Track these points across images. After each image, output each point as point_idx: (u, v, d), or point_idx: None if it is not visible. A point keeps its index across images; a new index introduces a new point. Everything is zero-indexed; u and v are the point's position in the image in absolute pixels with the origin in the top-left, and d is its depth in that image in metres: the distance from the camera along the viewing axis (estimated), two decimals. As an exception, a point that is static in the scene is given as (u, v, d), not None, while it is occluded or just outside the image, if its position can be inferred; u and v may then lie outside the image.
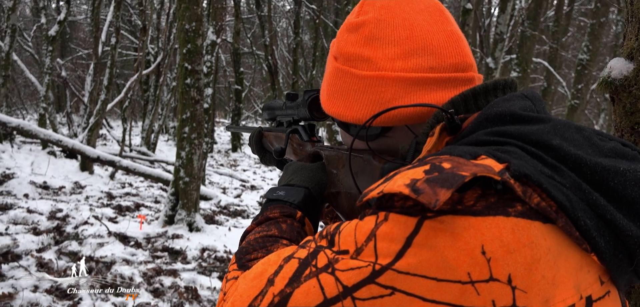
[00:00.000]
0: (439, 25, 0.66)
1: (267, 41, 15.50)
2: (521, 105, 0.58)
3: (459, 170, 0.47)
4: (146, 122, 12.95)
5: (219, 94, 20.43)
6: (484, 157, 0.51)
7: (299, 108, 0.99)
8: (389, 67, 0.64)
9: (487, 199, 0.48)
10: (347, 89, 0.68)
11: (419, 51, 0.64)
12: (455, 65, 0.65)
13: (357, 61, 0.67)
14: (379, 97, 0.65)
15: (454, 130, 0.59)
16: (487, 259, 0.46)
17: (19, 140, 10.59)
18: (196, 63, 5.59)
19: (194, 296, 4.01)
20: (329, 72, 0.73)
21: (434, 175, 0.47)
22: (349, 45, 0.69)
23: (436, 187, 0.45)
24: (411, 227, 0.48)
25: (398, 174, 0.51)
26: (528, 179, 0.48)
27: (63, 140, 7.51)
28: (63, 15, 10.10)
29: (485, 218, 0.47)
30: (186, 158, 5.64)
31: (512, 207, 0.47)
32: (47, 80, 10.18)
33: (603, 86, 0.97)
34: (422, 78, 0.63)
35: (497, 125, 0.56)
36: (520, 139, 0.53)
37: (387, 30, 0.66)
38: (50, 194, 6.78)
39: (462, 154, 0.52)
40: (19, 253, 4.35)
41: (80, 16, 21.00)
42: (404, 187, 0.47)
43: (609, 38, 11.82)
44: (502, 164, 0.50)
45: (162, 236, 5.38)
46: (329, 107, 0.72)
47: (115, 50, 9.91)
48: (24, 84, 17.22)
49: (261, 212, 0.78)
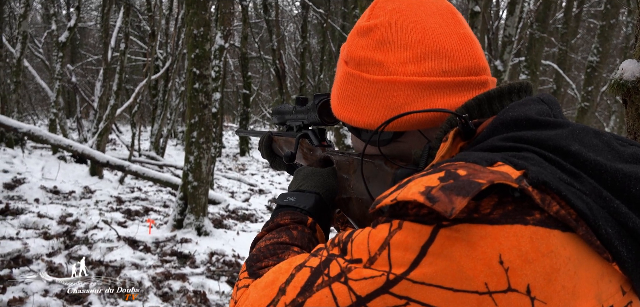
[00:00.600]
0: (452, 28, 0.65)
1: (274, 45, 15.54)
2: (538, 110, 0.57)
3: (475, 177, 0.46)
4: (155, 127, 13.03)
5: (227, 98, 20.53)
6: (501, 163, 0.50)
7: (309, 112, 0.98)
8: (400, 71, 0.63)
9: (504, 207, 0.46)
10: (358, 93, 0.67)
11: (431, 55, 0.63)
12: (468, 69, 0.63)
13: (369, 65, 0.66)
14: (391, 102, 0.64)
15: (468, 135, 0.58)
16: (505, 268, 0.44)
17: (30, 145, 10.70)
18: (204, 68, 5.61)
19: (202, 300, 4.01)
20: (339, 76, 0.72)
21: (449, 182, 0.46)
22: (360, 50, 0.68)
23: (452, 195, 0.44)
24: (426, 236, 0.47)
25: (412, 181, 0.50)
26: (547, 186, 0.47)
27: (73, 145, 7.58)
28: (73, 21, 10.21)
29: (503, 227, 0.45)
30: (195, 162, 5.66)
31: (530, 216, 0.46)
32: (57, 86, 10.29)
33: (615, 88, 0.96)
34: (435, 82, 0.62)
35: (513, 130, 0.55)
36: (538, 144, 0.52)
37: (398, 34, 0.65)
38: (60, 198, 6.84)
39: (477, 160, 0.51)
40: (30, 257, 4.38)
41: (90, 22, 21.22)
42: (418, 194, 0.46)
43: (619, 40, 11.71)
44: (519, 171, 0.48)
45: (171, 240, 5.40)
46: (339, 112, 0.71)
47: (125, 56, 9.99)
48: (35, 90, 17.42)
49: (271, 219, 0.77)
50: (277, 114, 1.17)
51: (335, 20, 14.57)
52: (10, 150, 9.59)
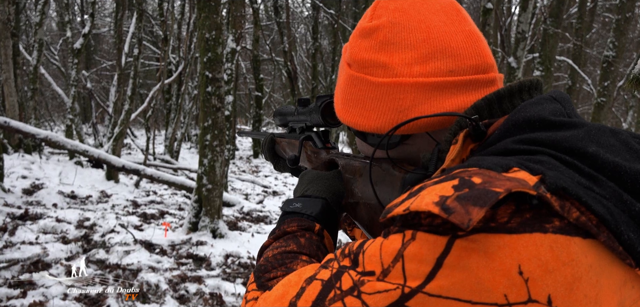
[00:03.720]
0: (457, 26, 0.63)
1: (286, 47, 15.58)
2: (551, 109, 0.55)
3: (491, 185, 0.44)
4: (169, 131, 13.15)
5: (239, 101, 20.65)
6: (516, 169, 0.48)
7: (312, 114, 0.96)
8: (406, 73, 0.61)
9: (521, 215, 0.44)
10: (363, 97, 0.65)
11: (437, 54, 0.61)
12: (475, 67, 0.62)
13: (373, 68, 0.64)
14: (397, 105, 0.62)
15: (478, 137, 0.56)
16: (524, 279, 0.43)
17: (47, 151, 10.88)
18: (217, 71, 5.65)
19: (218, 302, 4.04)
20: (342, 79, 0.70)
21: (464, 191, 0.44)
22: (363, 51, 0.66)
23: (468, 206, 0.43)
24: (441, 247, 0.45)
25: (424, 189, 0.48)
26: (565, 192, 0.45)
27: (89, 151, 7.68)
28: (87, 28, 10.35)
29: (521, 236, 0.43)
30: (209, 165, 5.70)
31: (549, 223, 0.44)
32: (73, 92, 10.44)
33: (633, 83, 0.94)
34: (442, 82, 0.61)
35: (526, 131, 0.53)
36: (553, 146, 0.50)
37: (402, 34, 0.63)
38: (77, 203, 6.94)
39: (492, 166, 0.48)
40: (49, 262, 4.46)
41: (103, 29, 21.50)
42: (433, 205, 0.44)
43: (635, 33, 11.51)
44: (536, 176, 0.46)
45: (187, 242, 5.44)
46: (344, 116, 0.69)
47: (138, 61, 10.10)
48: (51, 97, 17.69)
49: (278, 226, 0.75)
50: (279, 116, 1.15)
51: (346, 21, 14.56)
52: (29, 156, 9.76)
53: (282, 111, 1.13)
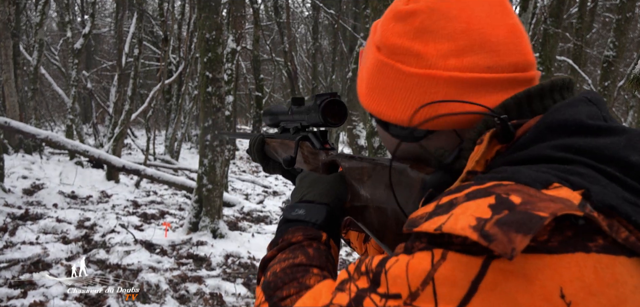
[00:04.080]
0: (499, 18, 0.58)
1: (286, 47, 15.59)
2: (588, 112, 0.51)
3: (533, 208, 0.40)
4: (169, 131, 13.16)
5: (239, 101, 20.66)
6: (557, 184, 0.44)
7: (310, 113, 0.90)
8: (441, 65, 0.57)
9: (563, 233, 0.41)
10: (390, 85, 0.61)
11: (475, 48, 0.56)
12: (515, 65, 0.57)
13: (405, 55, 0.59)
14: (428, 99, 0.57)
15: (507, 138, 0.52)
16: (567, 303, 0.40)
17: (47, 151, 10.88)
18: (217, 71, 5.65)
19: (219, 302, 4.04)
20: (370, 63, 0.65)
21: (504, 214, 0.40)
22: (396, 37, 0.61)
23: (510, 232, 0.39)
24: (476, 269, 0.42)
25: (457, 206, 0.44)
26: (613, 210, 0.42)
27: (90, 151, 7.69)
28: (88, 28, 10.36)
29: (563, 256, 0.40)
30: (209, 165, 5.71)
31: (592, 242, 0.41)
32: (73, 92, 10.45)
33: (634, 83, 0.94)
34: (478, 79, 0.56)
35: (562, 136, 0.49)
36: (592, 155, 0.47)
37: (441, 22, 0.58)
38: (78, 203, 6.95)
39: (530, 182, 0.44)
40: (50, 262, 4.46)
41: (104, 29, 21.51)
42: (470, 230, 0.40)
43: (635, 33, 11.51)
44: (579, 192, 0.43)
45: (187, 242, 5.44)
46: (368, 103, 0.65)
47: (138, 61, 10.11)
48: (51, 97, 17.70)
49: (280, 234, 0.71)
50: (270, 115, 1.09)
51: (347, 21, 14.56)
52: (29, 156, 9.76)
53: (272, 110, 1.08)
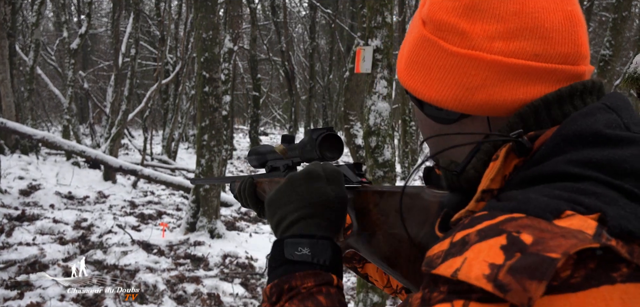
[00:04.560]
0: (558, 3, 0.54)
1: (283, 47, 15.57)
2: (605, 121, 0.48)
3: (544, 248, 0.38)
4: (166, 131, 13.14)
5: (237, 101, 20.65)
6: (570, 212, 0.41)
7: (305, 148, 0.84)
8: (485, 47, 0.54)
9: (585, 266, 0.39)
10: (430, 62, 0.58)
11: (526, 32, 0.53)
12: (565, 55, 0.53)
13: (449, 33, 0.56)
14: (466, 81, 0.54)
15: (523, 153, 0.50)
16: None
17: (44, 151, 10.85)
18: (214, 71, 5.65)
19: (216, 302, 4.04)
20: (413, 37, 0.61)
21: (515, 258, 0.39)
22: (443, 12, 0.57)
23: (524, 280, 0.37)
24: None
25: (470, 247, 0.42)
26: (632, 236, 0.39)
27: (86, 151, 7.67)
28: (84, 28, 10.33)
29: (589, 292, 0.38)
30: (206, 165, 5.70)
31: (616, 272, 0.38)
32: (70, 92, 10.42)
33: (629, 82, 0.95)
34: (523, 66, 0.52)
35: (578, 149, 0.47)
36: (611, 169, 0.44)
37: (493, 1, 0.54)
38: (75, 204, 6.93)
39: (540, 212, 0.42)
40: (46, 263, 4.45)
41: (100, 29, 21.46)
42: (484, 280, 0.39)
43: (631, 32, 11.55)
44: (593, 216, 0.40)
45: (184, 243, 5.43)
46: (405, 78, 0.62)
47: (135, 61, 10.09)
48: (48, 97, 17.66)
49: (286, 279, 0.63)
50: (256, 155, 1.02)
51: (343, 20, 14.56)
52: (25, 157, 9.73)
53: (259, 150, 1.01)
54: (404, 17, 11.51)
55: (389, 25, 3.36)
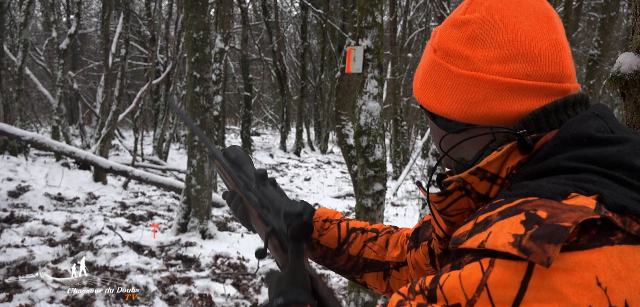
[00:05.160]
0: (545, 33, 0.65)
1: (275, 47, 15.55)
2: (596, 126, 0.59)
3: (558, 220, 0.48)
4: (157, 132, 13.07)
5: (228, 101, 20.59)
6: (574, 194, 0.52)
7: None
8: (485, 69, 0.65)
9: (588, 232, 0.49)
10: (440, 82, 0.69)
11: (518, 57, 0.64)
12: (552, 75, 0.64)
13: (456, 58, 0.68)
14: (470, 97, 0.66)
15: (526, 150, 0.60)
16: (603, 289, 0.47)
17: (33, 153, 10.74)
18: (205, 71, 5.63)
19: (208, 303, 4.03)
20: (426, 62, 0.74)
21: (534, 228, 0.48)
22: (450, 41, 0.69)
23: (543, 244, 0.47)
24: (523, 271, 0.48)
25: (493, 224, 0.52)
26: (624, 209, 0.50)
27: (76, 152, 7.60)
28: (73, 28, 10.24)
29: (593, 250, 0.48)
30: (197, 166, 5.68)
31: (614, 236, 0.49)
32: (59, 93, 10.33)
33: (613, 81, 0.96)
34: (516, 84, 0.63)
35: (574, 148, 0.57)
36: (602, 163, 0.55)
37: (490, 32, 0.66)
38: (64, 205, 6.87)
39: (551, 195, 0.53)
40: (35, 264, 4.41)
41: (90, 29, 21.29)
42: (510, 247, 0.48)
43: (620, 32, 11.68)
44: (593, 196, 0.51)
45: (176, 244, 5.41)
46: (419, 95, 0.74)
47: (125, 61, 10.02)
48: (37, 98, 17.49)
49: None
50: (233, 167, 1.02)
51: (335, 20, 14.57)
52: (14, 158, 9.63)
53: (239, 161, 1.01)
54: (395, 17, 11.54)
55: (380, 25, 3.37)
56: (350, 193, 9.54)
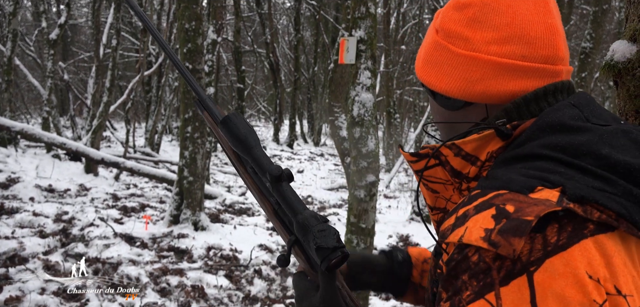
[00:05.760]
0: (541, 17, 0.68)
1: (268, 39, 15.47)
2: (570, 115, 0.62)
3: (523, 214, 0.52)
4: (149, 123, 12.98)
5: (221, 93, 20.47)
6: (540, 188, 0.56)
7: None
8: (483, 50, 0.68)
9: (565, 229, 0.52)
10: (441, 62, 0.73)
11: (515, 39, 0.67)
12: (545, 57, 0.67)
13: (456, 39, 0.71)
14: (468, 75, 0.70)
15: (505, 137, 0.64)
16: (595, 280, 0.50)
17: (23, 144, 10.63)
18: (197, 62, 5.59)
19: (200, 294, 4.02)
20: (428, 42, 0.77)
21: (503, 223, 0.52)
22: (452, 23, 0.72)
23: (509, 238, 0.51)
24: (526, 288, 0.51)
25: (470, 219, 0.56)
26: (584, 199, 0.53)
27: (67, 143, 7.54)
28: (63, 18, 10.12)
29: (573, 248, 0.51)
30: (190, 157, 5.65)
31: (586, 229, 0.52)
32: (49, 83, 10.21)
33: (606, 70, 0.96)
34: (512, 65, 0.67)
35: (548, 134, 0.61)
36: (571, 150, 0.58)
37: (490, 15, 0.69)
38: (55, 197, 6.81)
39: (519, 189, 0.56)
40: (26, 256, 4.37)
41: (81, 19, 21.05)
42: (481, 241, 0.53)
43: (611, 25, 11.74)
44: (557, 189, 0.55)
45: (168, 235, 5.39)
46: (421, 73, 0.77)
47: (117, 52, 9.92)
48: (27, 88, 17.30)
49: None
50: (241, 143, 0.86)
51: (328, 12, 14.52)
52: (4, 149, 9.52)
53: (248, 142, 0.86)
54: (388, 10, 11.51)
55: (373, 15, 3.36)
56: (343, 185, 9.55)
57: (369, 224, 3.35)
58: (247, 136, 0.86)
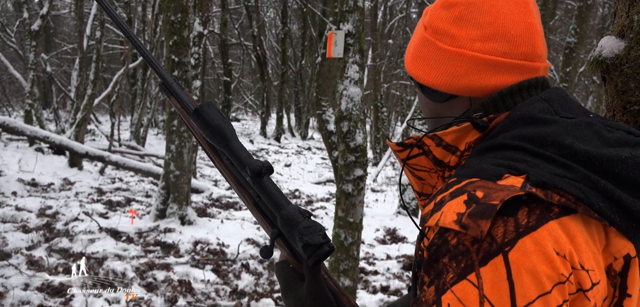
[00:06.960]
0: (521, 16, 0.74)
1: (255, 32, 15.37)
2: (539, 108, 0.68)
3: (490, 199, 0.58)
4: (135, 116, 12.83)
5: (207, 86, 20.30)
6: (507, 175, 0.61)
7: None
8: (468, 47, 0.73)
9: (534, 212, 0.58)
10: (429, 57, 0.78)
11: (497, 37, 0.72)
12: (525, 54, 0.73)
13: (443, 36, 0.76)
14: (453, 70, 0.75)
15: (481, 129, 0.70)
16: (562, 256, 0.56)
17: (5, 137, 10.44)
18: (183, 55, 5.53)
19: (187, 289, 4.00)
20: (417, 38, 0.82)
21: (472, 207, 0.58)
22: (439, 21, 0.77)
23: (478, 220, 0.56)
24: (503, 267, 0.56)
25: (445, 204, 0.61)
26: (545, 185, 0.59)
27: (50, 137, 7.42)
28: (45, 9, 9.93)
29: (542, 229, 0.57)
30: (176, 151, 5.60)
31: (552, 212, 0.58)
32: (31, 76, 10.03)
33: (594, 65, 0.97)
34: (494, 61, 0.72)
35: (518, 127, 0.66)
36: (538, 141, 0.63)
37: (474, 14, 0.74)
38: (39, 191, 6.71)
39: (488, 176, 0.62)
40: (8, 251, 4.30)
41: (63, 10, 20.68)
42: (453, 224, 0.58)
43: (596, 21, 11.88)
44: (522, 176, 0.60)
45: (154, 230, 5.34)
46: (410, 68, 0.82)
47: (101, 44, 9.77)
48: (8, 81, 16.98)
49: None
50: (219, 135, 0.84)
51: (316, 5, 14.46)
52: (-15, 143, 9.34)
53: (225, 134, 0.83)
54: (376, 3, 11.51)
55: (361, 9, 3.35)
56: (331, 179, 9.56)
57: (357, 218, 3.35)
58: (223, 128, 0.83)
